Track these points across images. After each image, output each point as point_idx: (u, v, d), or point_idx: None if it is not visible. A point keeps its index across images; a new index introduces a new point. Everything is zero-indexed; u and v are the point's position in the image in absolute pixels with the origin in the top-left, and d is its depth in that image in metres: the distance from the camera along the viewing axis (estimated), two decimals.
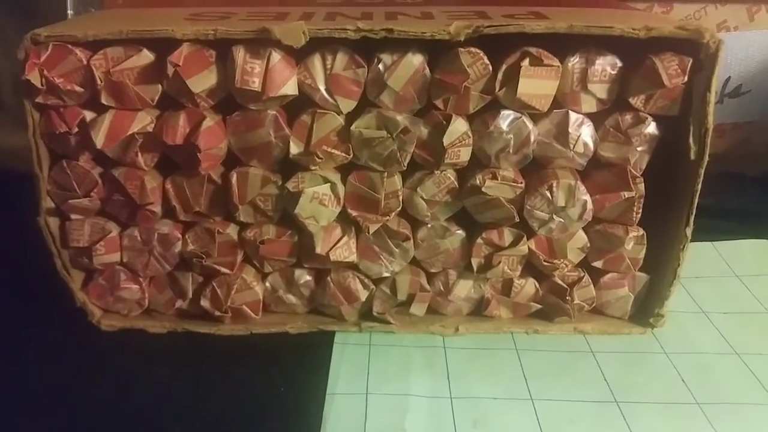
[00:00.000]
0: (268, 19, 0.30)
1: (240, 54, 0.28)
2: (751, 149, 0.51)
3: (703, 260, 0.41)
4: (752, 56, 0.47)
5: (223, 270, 0.33)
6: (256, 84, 0.28)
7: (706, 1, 0.45)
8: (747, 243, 0.43)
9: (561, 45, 0.29)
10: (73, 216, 0.32)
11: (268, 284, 0.34)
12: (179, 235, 0.32)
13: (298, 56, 0.29)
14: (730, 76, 0.48)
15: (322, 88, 0.29)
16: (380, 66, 0.29)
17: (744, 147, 0.50)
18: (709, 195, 0.32)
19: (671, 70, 0.28)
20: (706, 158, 0.30)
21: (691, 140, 0.30)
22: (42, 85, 0.28)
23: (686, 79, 0.28)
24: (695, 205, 0.31)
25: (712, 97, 0.29)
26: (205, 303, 0.34)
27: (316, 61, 0.29)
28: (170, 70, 0.28)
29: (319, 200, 0.30)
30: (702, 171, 0.30)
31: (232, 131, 0.30)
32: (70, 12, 0.51)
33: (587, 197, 0.31)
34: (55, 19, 0.32)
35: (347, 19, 0.30)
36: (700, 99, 0.29)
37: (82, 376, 0.32)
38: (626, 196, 0.31)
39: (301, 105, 0.30)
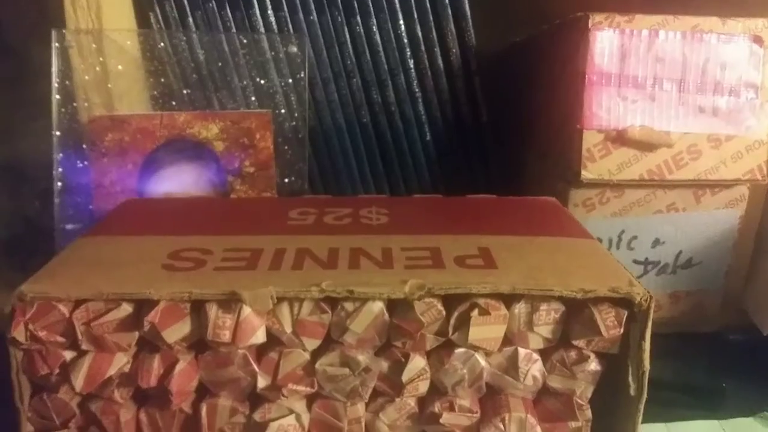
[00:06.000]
0: (241, 264, 0.33)
1: (213, 311, 0.30)
2: (703, 313, 0.53)
3: None
4: (701, 233, 0.51)
5: None
6: (227, 336, 0.30)
7: (654, 187, 0.49)
8: (699, 425, 0.45)
9: None
10: None
11: None
12: None
13: None
14: (681, 250, 0.51)
15: (289, 331, 0.31)
16: (342, 314, 0.31)
17: (697, 311, 0.53)
18: (665, 356, 0.34)
19: (608, 322, 0.31)
20: (645, 396, 0.32)
21: (630, 379, 0.32)
22: (26, 339, 0.30)
23: (622, 330, 0.31)
24: None
25: (647, 345, 0.31)
26: None
27: (285, 309, 0.31)
28: (146, 326, 0.30)
29: (284, 431, 0.32)
30: (641, 407, 0.32)
31: (203, 366, 0.32)
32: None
33: (538, 429, 0.33)
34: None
35: (313, 271, 0.32)
36: (637, 345, 0.31)
37: None
38: (573, 426, 0.33)
39: (269, 340, 0.32)
